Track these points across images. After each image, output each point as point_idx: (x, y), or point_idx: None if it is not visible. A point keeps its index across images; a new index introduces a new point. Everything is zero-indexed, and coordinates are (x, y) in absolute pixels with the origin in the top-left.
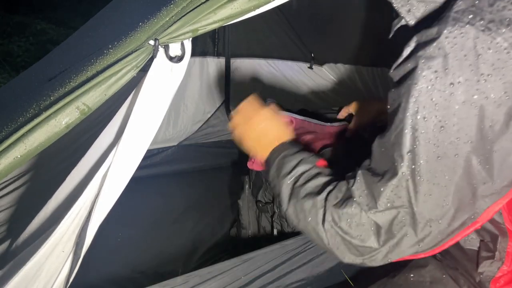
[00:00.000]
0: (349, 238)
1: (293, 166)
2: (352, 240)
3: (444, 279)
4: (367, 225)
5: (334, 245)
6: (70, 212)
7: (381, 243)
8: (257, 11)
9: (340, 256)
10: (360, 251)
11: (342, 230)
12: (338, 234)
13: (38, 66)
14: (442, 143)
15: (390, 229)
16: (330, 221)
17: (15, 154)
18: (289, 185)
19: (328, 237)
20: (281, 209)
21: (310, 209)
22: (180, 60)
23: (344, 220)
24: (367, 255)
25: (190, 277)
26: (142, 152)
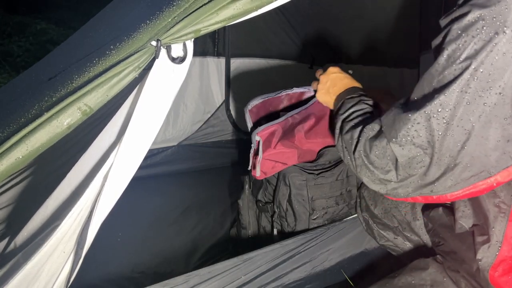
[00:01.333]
0: (372, 169)
1: (349, 106)
2: (375, 171)
3: (445, 282)
4: (390, 157)
5: (362, 173)
6: (71, 212)
7: (399, 178)
8: (259, 11)
9: (368, 185)
10: (382, 183)
11: (368, 160)
12: (364, 164)
13: (38, 66)
14: (475, 90)
15: (408, 166)
16: (360, 150)
17: (17, 155)
18: (339, 121)
19: (356, 165)
20: (281, 209)
21: (348, 140)
22: (182, 61)
23: (373, 151)
24: (390, 188)
25: (190, 277)
26: (143, 152)
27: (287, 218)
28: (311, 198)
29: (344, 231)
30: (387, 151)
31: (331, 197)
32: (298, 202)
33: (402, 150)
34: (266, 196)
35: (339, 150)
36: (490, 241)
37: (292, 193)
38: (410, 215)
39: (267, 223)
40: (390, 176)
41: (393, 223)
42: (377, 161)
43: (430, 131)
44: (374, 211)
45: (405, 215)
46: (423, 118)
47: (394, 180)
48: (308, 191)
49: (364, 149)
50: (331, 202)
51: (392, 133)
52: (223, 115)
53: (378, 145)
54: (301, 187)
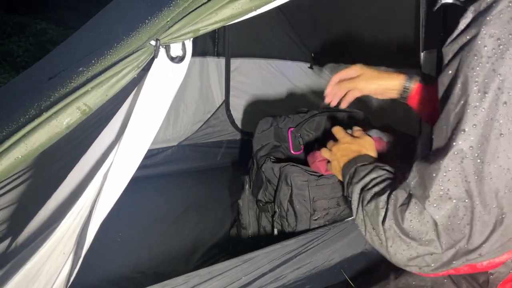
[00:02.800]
0: (409, 241)
1: (366, 173)
2: (412, 242)
3: (446, 283)
4: (429, 224)
5: (395, 248)
6: (71, 212)
7: (443, 247)
8: (258, 11)
9: (402, 262)
10: (421, 256)
11: (402, 231)
12: (398, 236)
13: (38, 66)
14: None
15: (450, 228)
16: (391, 220)
17: (16, 155)
18: (358, 190)
19: (386, 238)
20: (281, 209)
21: (373, 211)
22: (181, 61)
23: (406, 220)
24: (430, 260)
25: (190, 277)
26: (143, 151)
27: (287, 218)
28: (312, 198)
29: (345, 232)
30: (424, 217)
31: (333, 198)
32: (299, 202)
33: (439, 210)
34: (267, 196)
35: (359, 224)
36: (506, 261)
37: (294, 193)
38: None
39: (267, 223)
40: (432, 247)
41: None
42: (414, 231)
43: (465, 176)
44: None
45: None
46: (453, 162)
47: (438, 251)
48: (309, 191)
49: (395, 218)
50: (332, 203)
51: (424, 192)
52: (223, 115)
53: (412, 211)
54: (303, 188)
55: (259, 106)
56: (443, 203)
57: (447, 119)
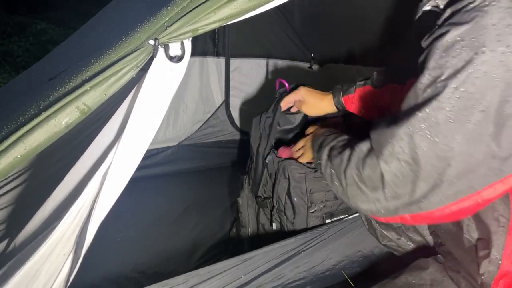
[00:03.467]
0: (363, 187)
1: (332, 139)
2: (365, 189)
3: (445, 281)
4: (379, 174)
5: (351, 194)
6: (70, 212)
7: (387, 196)
8: (257, 11)
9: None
10: (371, 202)
11: (360, 178)
12: (355, 183)
13: (38, 66)
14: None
15: (395, 183)
16: (352, 169)
17: (15, 154)
18: (327, 151)
19: (347, 184)
20: (280, 203)
21: (338, 164)
22: (180, 60)
23: (365, 169)
24: (379, 207)
25: (189, 276)
26: (142, 151)
27: (286, 211)
28: (309, 191)
29: (344, 231)
30: (376, 168)
31: (329, 190)
32: (297, 194)
33: (388, 167)
34: (266, 192)
35: (326, 178)
36: (490, 255)
37: (291, 185)
38: None
39: (266, 220)
40: (378, 194)
41: (396, 223)
42: (368, 180)
43: (414, 148)
44: None
45: None
46: (406, 135)
47: (382, 198)
48: (306, 184)
49: (356, 167)
50: (329, 196)
51: (379, 148)
52: (223, 115)
53: (369, 162)
54: (300, 180)
55: (259, 106)
56: (391, 161)
57: (413, 98)
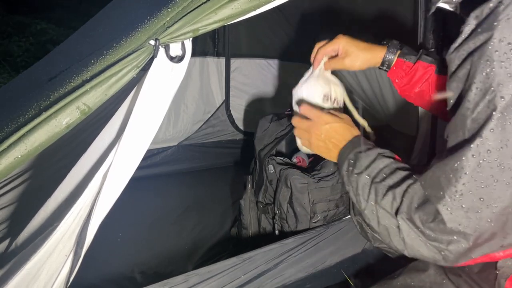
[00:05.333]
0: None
1: (370, 161)
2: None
3: (444, 284)
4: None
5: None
6: (70, 212)
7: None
8: (258, 11)
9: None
10: (436, 250)
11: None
12: (410, 228)
13: (38, 66)
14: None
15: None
16: (404, 212)
17: (16, 154)
18: (367, 180)
19: (402, 229)
20: (281, 211)
21: (392, 203)
22: (180, 60)
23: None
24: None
25: (189, 276)
26: (142, 151)
27: (287, 220)
28: (312, 201)
29: (344, 231)
30: (436, 218)
31: (332, 200)
32: (299, 205)
33: (452, 214)
34: (267, 198)
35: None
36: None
37: (294, 195)
38: None
39: (267, 224)
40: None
41: None
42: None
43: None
44: None
45: None
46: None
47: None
48: (309, 194)
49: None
50: (331, 205)
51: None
52: (223, 115)
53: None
54: (303, 190)
55: (259, 106)
56: (455, 209)
57: (463, 124)
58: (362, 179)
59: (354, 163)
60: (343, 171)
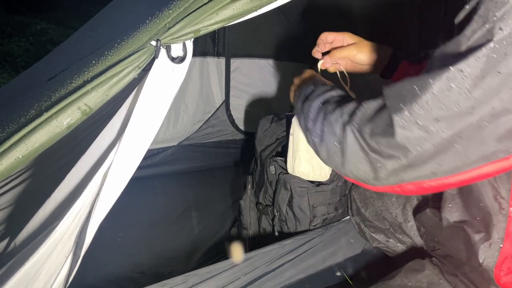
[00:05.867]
0: (364, 145)
1: (325, 90)
2: (366, 147)
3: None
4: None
5: (350, 152)
6: (70, 212)
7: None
8: (259, 12)
9: (352, 168)
10: (373, 168)
11: (362, 136)
12: (356, 140)
13: (38, 66)
14: None
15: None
16: (355, 123)
17: (17, 155)
18: (319, 101)
19: (346, 141)
20: (281, 213)
21: (337, 118)
22: (182, 61)
23: (369, 126)
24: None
25: (189, 276)
26: (143, 151)
27: (287, 222)
28: (312, 205)
29: (343, 231)
30: (390, 131)
31: (332, 203)
32: (299, 208)
33: (405, 130)
34: (267, 199)
35: (313, 135)
36: (491, 238)
37: (294, 199)
38: (401, 216)
39: (267, 225)
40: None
41: (384, 225)
42: (371, 138)
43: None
44: (365, 213)
45: (396, 216)
46: (442, 88)
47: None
48: (309, 198)
49: (359, 124)
50: (331, 209)
51: (400, 104)
52: (223, 115)
53: (380, 123)
54: (302, 194)
55: (259, 106)
56: (410, 125)
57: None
58: (317, 100)
59: (312, 91)
60: (300, 100)
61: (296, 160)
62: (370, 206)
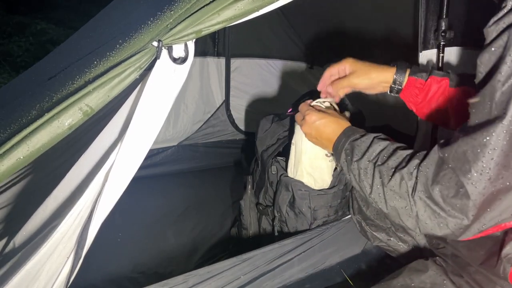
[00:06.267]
0: (439, 211)
1: (367, 146)
2: (441, 213)
3: (445, 285)
4: (463, 199)
5: (424, 217)
6: (71, 212)
7: (472, 218)
8: (261, 12)
9: (432, 230)
10: (450, 225)
11: (433, 201)
12: (428, 206)
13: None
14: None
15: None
16: (420, 191)
17: (18, 155)
18: (368, 165)
19: (417, 208)
20: (281, 214)
21: (399, 184)
22: (183, 62)
23: (437, 190)
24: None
25: (189, 276)
26: (145, 151)
27: (287, 223)
28: (313, 208)
29: (343, 231)
30: (459, 190)
31: (332, 206)
32: (299, 211)
33: (476, 188)
34: (267, 199)
35: (375, 200)
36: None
37: (297, 202)
38: None
39: (267, 225)
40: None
41: (385, 224)
42: (446, 203)
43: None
44: (367, 212)
45: None
46: (501, 139)
47: (466, 223)
48: (310, 200)
49: (425, 190)
50: (331, 211)
51: (465, 166)
52: (223, 115)
53: (445, 183)
54: (303, 196)
55: (259, 106)
56: (481, 182)
57: (492, 96)
58: (362, 165)
59: (351, 151)
60: (342, 162)
61: (298, 171)
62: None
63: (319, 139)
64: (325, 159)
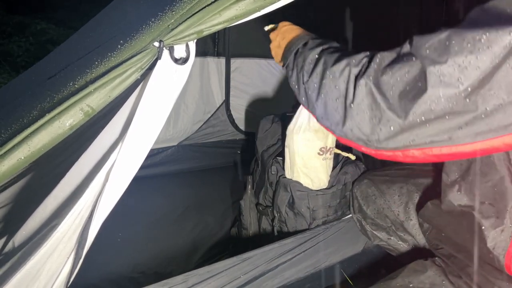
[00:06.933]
0: (380, 100)
1: (319, 43)
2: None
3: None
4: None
5: (357, 108)
6: (72, 211)
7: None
8: (262, 12)
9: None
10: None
11: (379, 90)
12: (370, 94)
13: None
14: None
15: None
16: (370, 76)
17: (19, 156)
18: (316, 52)
19: (356, 95)
20: (280, 214)
21: (343, 69)
22: (184, 62)
23: (388, 80)
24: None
25: (189, 276)
26: (145, 151)
27: (287, 223)
28: (312, 208)
29: (343, 230)
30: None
31: (331, 206)
32: (299, 212)
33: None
34: (267, 199)
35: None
36: (503, 224)
37: (295, 202)
38: (403, 215)
39: (267, 225)
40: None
41: (386, 223)
42: (392, 93)
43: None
44: (367, 211)
45: (398, 215)
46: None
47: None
48: (309, 201)
49: (375, 76)
50: (331, 211)
51: (440, 57)
52: (223, 115)
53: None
54: (302, 197)
55: (259, 106)
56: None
57: None
58: (313, 52)
59: (305, 44)
60: (292, 55)
61: (294, 173)
62: (372, 203)
63: (280, 44)
64: (318, 158)
